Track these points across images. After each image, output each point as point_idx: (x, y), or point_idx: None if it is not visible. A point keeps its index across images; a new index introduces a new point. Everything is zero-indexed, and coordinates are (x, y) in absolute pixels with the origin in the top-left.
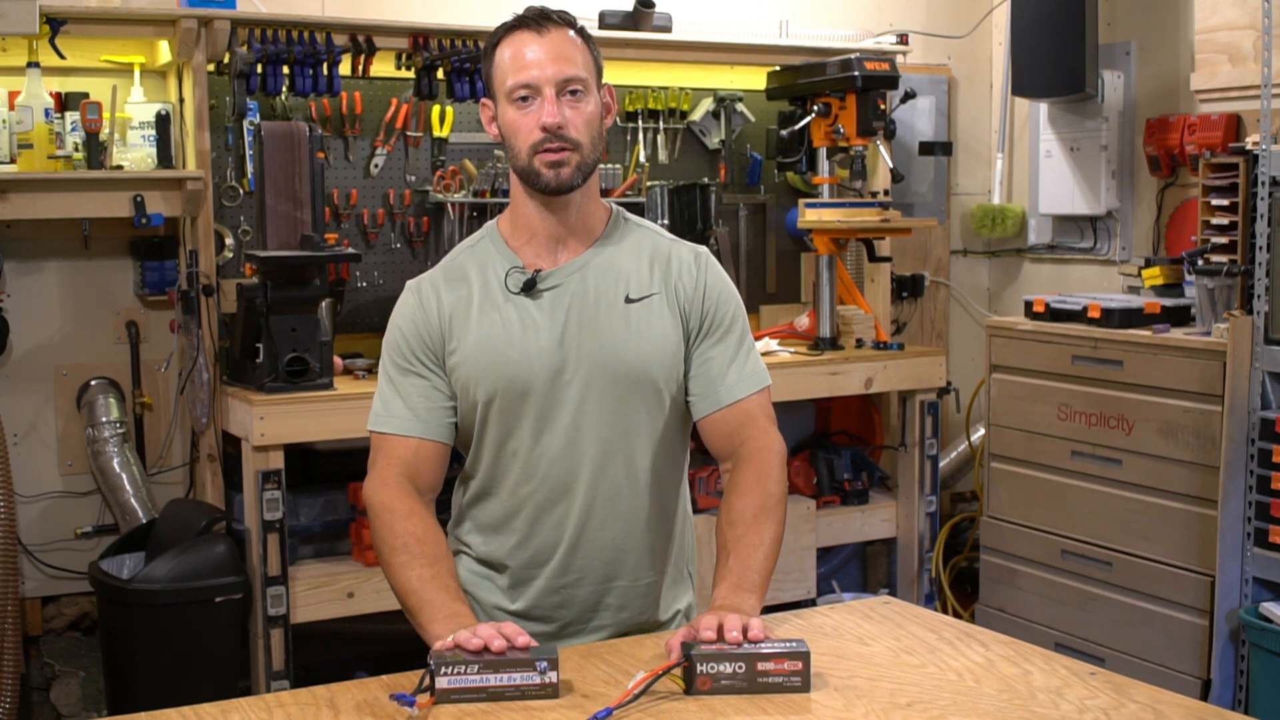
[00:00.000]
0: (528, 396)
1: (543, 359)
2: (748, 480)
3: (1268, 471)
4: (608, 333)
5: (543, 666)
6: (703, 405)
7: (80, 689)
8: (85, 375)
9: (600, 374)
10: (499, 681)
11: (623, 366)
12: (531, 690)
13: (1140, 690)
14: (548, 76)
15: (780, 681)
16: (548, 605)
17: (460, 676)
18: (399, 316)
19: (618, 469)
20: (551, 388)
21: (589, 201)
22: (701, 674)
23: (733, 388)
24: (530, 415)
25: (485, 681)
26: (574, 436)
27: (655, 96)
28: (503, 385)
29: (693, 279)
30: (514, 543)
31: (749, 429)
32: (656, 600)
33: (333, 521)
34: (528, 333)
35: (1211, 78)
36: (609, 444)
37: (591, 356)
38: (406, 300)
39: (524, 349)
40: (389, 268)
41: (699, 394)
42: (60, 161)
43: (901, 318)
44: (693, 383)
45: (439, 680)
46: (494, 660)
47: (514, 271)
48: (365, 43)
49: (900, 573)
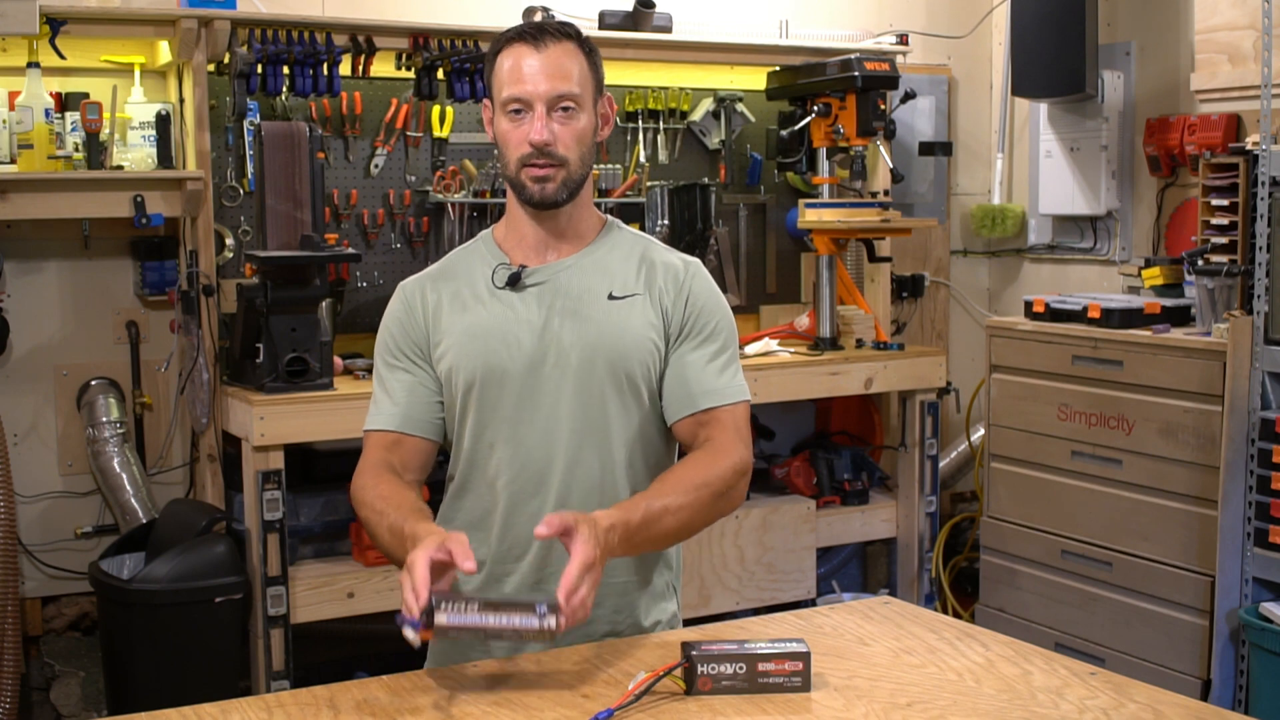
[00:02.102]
0: (506, 384)
1: (523, 348)
2: (698, 459)
3: (1268, 471)
4: (588, 325)
5: (542, 610)
6: (675, 409)
7: (80, 689)
8: (85, 375)
9: (578, 365)
10: (497, 622)
11: (600, 358)
12: (529, 633)
13: (1140, 690)
14: (540, 93)
15: (781, 682)
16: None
17: (459, 615)
18: (387, 317)
19: (592, 461)
20: (530, 377)
21: (580, 210)
22: (702, 675)
23: (708, 394)
24: (508, 404)
25: (484, 621)
26: (551, 427)
27: (655, 96)
28: (482, 372)
29: (678, 284)
30: (492, 538)
31: (719, 437)
32: (634, 604)
33: (333, 521)
34: (510, 323)
35: (1211, 78)
36: (585, 437)
37: (571, 347)
38: (395, 300)
39: (505, 338)
40: (389, 268)
41: (672, 397)
42: (60, 161)
43: (901, 318)
44: (667, 385)
45: (438, 616)
46: (494, 601)
47: (500, 268)
48: (365, 43)
49: (900, 573)
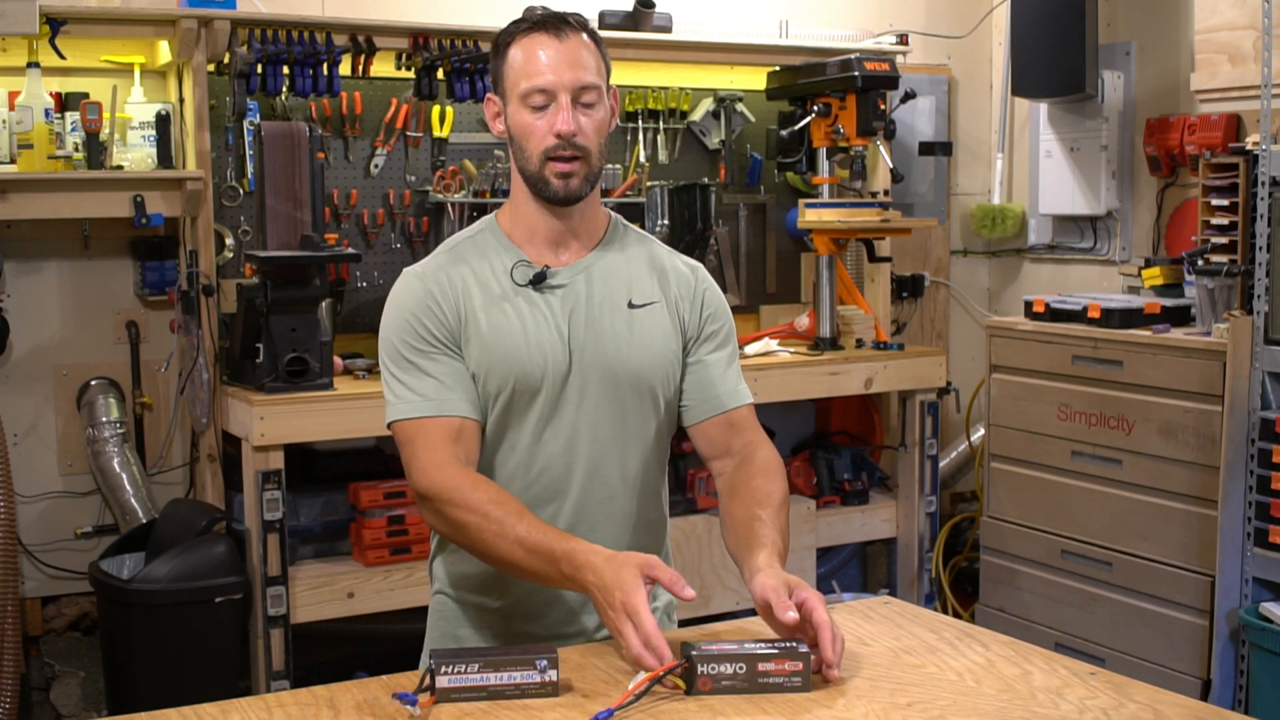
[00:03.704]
0: (537, 393)
1: (553, 356)
2: (767, 470)
3: (1268, 471)
4: (611, 336)
5: (542, 665)
6: (700, 410)
7: (80, 689)
8: (85, 375)
9: (603, 376)
10: (499, 680)
11: (625, 371)
12: (531, 688)
13: (1140, 690)
14: (565, 83)
15: (781, 682)
16: (535, 604)
17: (461, 675)
18: (408, 301)
19: (612, 472)
20: (557, 385)
21: (591, 206)
22: (702, 675)
23: (733, 394)
24: (535, 412)
25: (485, 680)
26: (573, 436)
27: (655, 96)
28: (515, 379)
29: (691, 289)
30: None
31: (750, 434)
32: None
33: (333, 521)
34: (540, 329)
35: (1211, 78)
36: (605, 446)
37: (595, 358)
38: (411, 286)
39: (539, 346)
40: (389, 268)
41: (695, 399)
42: (60, 161)
43: (901, 318)
44: (688, 388)
45: (439, 679)
46: (494, 659)
47: (521, 264)
48: (365, 43)
49: (900, 573)
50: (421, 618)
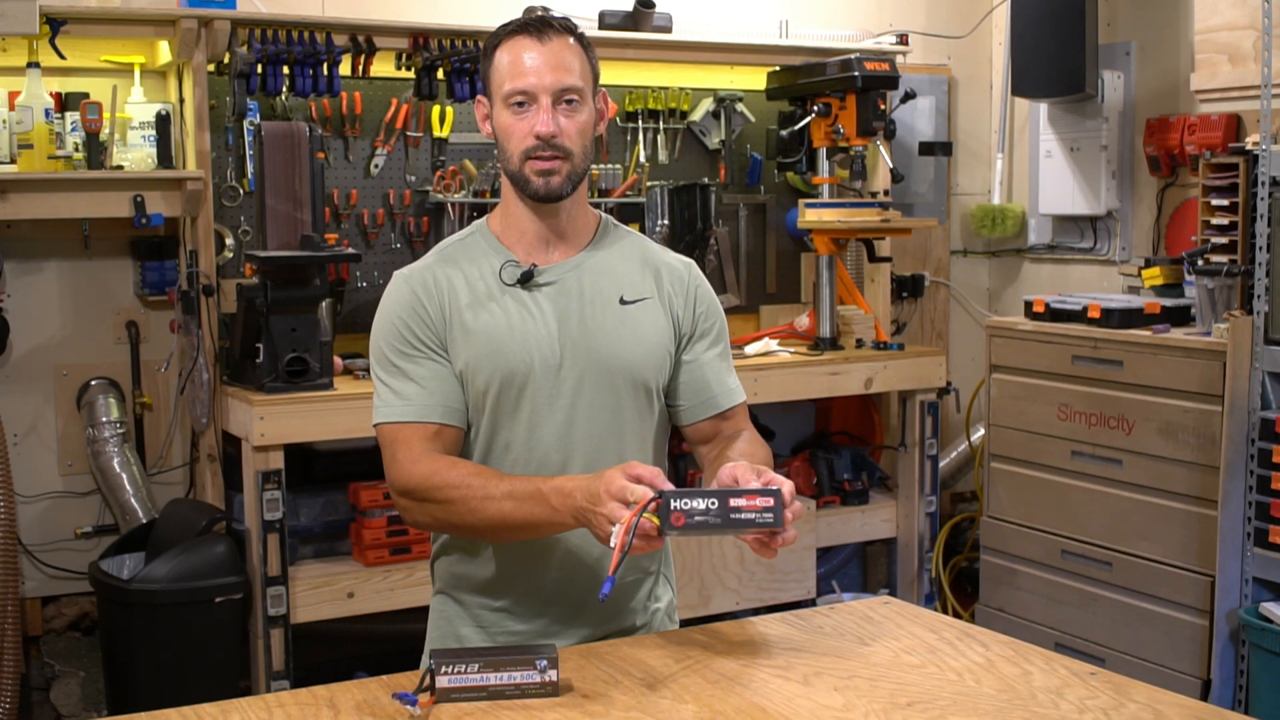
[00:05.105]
0: (525, 388)
1: (541, 352)
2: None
3: (1268, 471)
4: (603, 332)
5: (542, 665)
6: (696, 411)
7: (80, 689)
8: (85, 375)
9: (595, 372)
10: (499, 680)
11: (618, 365)
12: (531, 688)
13: (1140, 690)
14: (545, 85)
15: (753, 518)
16: (535, 604)
17: (461, 675)
18: (395, 304)
19: (610, 466)
20: (549, 381)
21: (578, 207)
22: (675, 510)
23: (727, 394)
24: (526, 408)
25: (485, 680)
26: (567, 432)
27: (655, 96)
28: (502, 375)
29: (684, 285)
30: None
31: (740, 424)
32: (637, 599)
33: (333, 521)
34: (527, 325)
35: (1211, 78)
36: (601, 442)
37: (587, 354)
38: (399, 289)
39: (524, 341)
40: (389, 268)
41: (691, 400)
42: (60, 161)
43: (901, 318)
44: (683, 387)
45: (439, 679)
46: (494, 659)
47: (509, 265)
48: (365, 43)
49: (900, 573)
50: (421, 618)
